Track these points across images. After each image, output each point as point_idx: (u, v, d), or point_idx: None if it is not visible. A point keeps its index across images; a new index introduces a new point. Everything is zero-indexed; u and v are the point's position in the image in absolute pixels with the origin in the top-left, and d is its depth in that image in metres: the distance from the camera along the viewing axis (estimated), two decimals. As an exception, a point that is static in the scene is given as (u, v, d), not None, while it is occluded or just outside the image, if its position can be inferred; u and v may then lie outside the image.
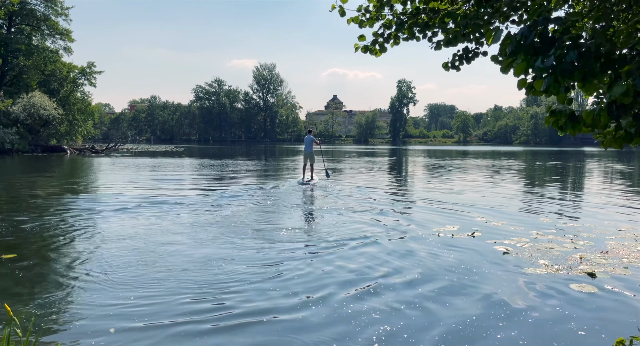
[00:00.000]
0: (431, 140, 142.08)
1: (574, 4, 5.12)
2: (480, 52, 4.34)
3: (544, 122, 3.81)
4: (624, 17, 4.64)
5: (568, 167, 32.14)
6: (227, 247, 7.69)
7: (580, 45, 2.97)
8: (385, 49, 4.45)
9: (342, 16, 4.32)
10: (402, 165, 34.66)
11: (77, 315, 4.88)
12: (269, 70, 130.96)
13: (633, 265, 6.79)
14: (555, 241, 8.26)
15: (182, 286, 5.73)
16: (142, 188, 15.70)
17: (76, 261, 6.77)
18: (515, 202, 13.21)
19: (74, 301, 5.27)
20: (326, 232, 8.98)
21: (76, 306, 5.12)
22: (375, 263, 6.81)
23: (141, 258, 6.95)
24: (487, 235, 8.75)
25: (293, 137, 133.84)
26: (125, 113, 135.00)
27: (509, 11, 4.11)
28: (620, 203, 13.34)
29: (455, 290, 5.71)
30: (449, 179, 20.88)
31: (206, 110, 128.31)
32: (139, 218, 10.10)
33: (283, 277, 6.11)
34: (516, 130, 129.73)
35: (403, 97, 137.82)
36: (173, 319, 4.78)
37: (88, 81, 49.44)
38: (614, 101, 3.23)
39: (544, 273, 6.38)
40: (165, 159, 36.34)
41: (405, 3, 4.37)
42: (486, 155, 52.63)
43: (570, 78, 2.98)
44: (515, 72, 3.10)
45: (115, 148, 51.22)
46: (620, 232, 9.05)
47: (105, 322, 4.68)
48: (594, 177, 24.19)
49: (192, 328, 4.59)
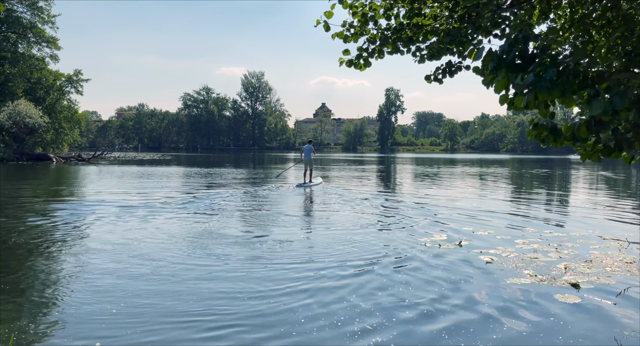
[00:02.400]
0: (419, 148, 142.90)
1: (555, 18, 5.21)
2: (463, 66, 4.40)
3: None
4: (605, 31, 4.73)
5: (554, 175, 32.47)
6: (213, 257, 7.66)
7: (558, 62, 3.02)
8: (369, 64, 4.50)
9: (327, 31, 4.35)
10: (390, 173, 34.77)
11: (60, 331, 4.82)
12: (257, 78, 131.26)
13: (616, 274, 6.87)
14: (540, 250, 8.33)
15: (169, 301, 5.69)
16: (128, 197, 15.58)
17: (59, 274, 6.70)
18: (502, 211, 13.31)
19: (58, 316, 5.21)
20: (321, 247, 8.98)
21: (60, 321, 5.06)
22: (357, 271, 6.81)
23: (126, 268, 6.89)
24: (474, 244, 8.80)
25: (282, 144, 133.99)
26: (112, 121, 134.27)
27: (491, 26, 4.17)
28: (605, 211, 13.50)
29: (438, 301, 5.73)
30: (436, 188, 20.99)
31: (194, 118, 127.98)
32: (124, 227, 10.01)
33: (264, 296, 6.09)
34: (503, 138, 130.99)
35: (391, 105, 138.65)
36: (160, 335, 4.74)
37: (75, 89, 49.12)
38: (594, 116, 3.30)
39: (528, 283, 6.43)
40: (153, 167, 36.14)
41: (389, 18, 4.43)
42: (474, 163, 53.01)
43: (549, 95, 3.04)
44: (496, 89, 3.15)
45: (102, 157, 50.82)
46: (604, 241, 9.15)
47: (90, 336, 4.63)
48: (580, 185, 24.46)
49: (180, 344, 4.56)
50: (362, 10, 4.33)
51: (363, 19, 4.32)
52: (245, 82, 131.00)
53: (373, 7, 4.37)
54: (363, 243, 8.90)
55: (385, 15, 4.39)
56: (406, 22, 4.35)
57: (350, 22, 4.40)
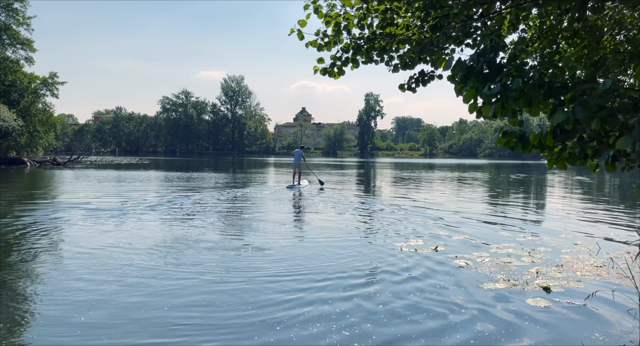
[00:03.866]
0: (398, 152, 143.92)
1: (526, 27, 5.34)
2: (436, 75, 4.48)
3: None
4: (572, 41, 4.86)
5: (530, 179, 33.00)
6: (188, 265, 7.61)
7: (524, 73, 3.11)
8: (343, 72, 4.55)
9: (301, 40, 4.39)
10: (370, 178, 34.95)
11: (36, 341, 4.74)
12: (237, 82, 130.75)
13: (586, 278, 7.02)
14: (514, 255, 8.47)
15: (141, 313, 5.64)
16: (102, 201, 15.36)
17: (33, 282, 6.59)
18: (478, 216, 13.48)
19: (33, 327, 5.13)
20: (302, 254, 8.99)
21: (36, 331, 4.98)
22: (329, 276, 6.84)
23: (96, 277, 6.80)
24: (450, 249, 8.91)
25: (262, 149, 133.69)
26: (89, 125, 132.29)
27: (462, 36, 4.26)
28: (578, 216, 13.77)
29: (410, 306, 5.78)
30: (415, 192, 21.16)
31: (173, 122, 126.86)
32: (97, 233, 9.88)
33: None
34: (480, 143, 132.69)
35: (371, 110, 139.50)
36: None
37: (50, 92, 48.37)
38: (559, 125, 3.39)
39: (501, 287, 6.54)
40: (130, 172, 35.71)
41: (362, 28, 4.49)
42: (452, 168, 53.57)
43: (516, 104, 3.12)
44: (465, 99, 3.22)
45: (78, 161, 50.02)
46: (576, 246, 9.34)
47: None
48: (555, 190, 24.90)
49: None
50: (336, 20, 4.38)
51: (336, 28, 4.37)
52: (225, 86, 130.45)
53: (347, 17, 4.42)
54: (338, 247, 8.93)
55: (359, 25, 4.45)
56: (379, 31, 4.41)
57: (324, 31, 4.44)
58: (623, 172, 4.15)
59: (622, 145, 2.73)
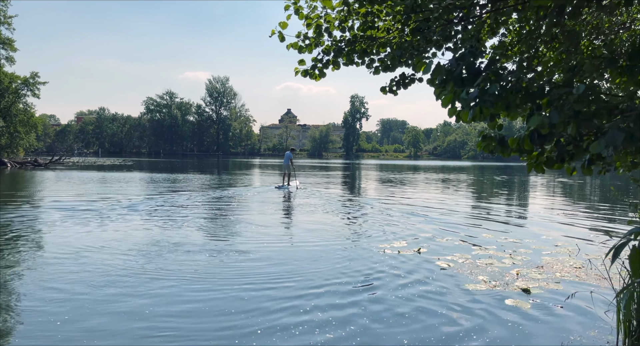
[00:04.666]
0: (383, 154, 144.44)
1: (506, 32, 5.39)
2: (417, 78, 4.50)
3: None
4: (551, 46, 4.92)
5: (513, 181, 33.34)
6: (167, 271, 7.55)
7: (502, 78, 3.14)
8: (324, 74, 4.55)
9: (282, 41, 4.39)
10: (356, 179, 35.02)
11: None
12: (222, 83, 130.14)
13: (565, 279, 7.11)
14: (495, 256, 8.54)
15: (116, 321, 5.58)
16: (83, 203, 15.17)
17: (5, 290, 6.49)
18: (461, 217, 13.58)
19: (9, 331, 5.04)
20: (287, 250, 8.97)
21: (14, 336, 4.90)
22: (311, 278, 6.83)
23: (73, 282, 6.71)
24: (433, 251, 8.96)
25: (247, 150, 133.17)
26: (71, 125, 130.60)
27: (442, 40, 4.29)
28: (559, 217, 13.94)
29: (390, 309, 5.80)
30: (400, 194, 21.25)
31: (157, 123, 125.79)
32: (77, 235, 9.75)
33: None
34: (464, 145, 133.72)
35: (356, 112, 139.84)
36: None
37: (31, 92, 47.58)
38: (536, 129, 3.43)
39: (482, 289, 6.59)
40: (113, 173, 35.35)
41: (344, 30, 4.49)
42: (436, 170, 53.91)
43: (494, 109, 3.15)
44: (443, 103, 3.24)
45: (60, 162, 49.40)
46: (556, 247, 9.45)
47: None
48: (538, 191, 25.19)
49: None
50: (317, 22, 4.38)
51: (318, 31, 4.37)
52: (210, 87, 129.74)
53: (328, 19, 4.43)
54: (321, 248, 8.93)
55: (340, 27, 4.46)
56: (360, 34, 4.43)
57: (305, 33, 4.44)
58: (603, 174, 4.20)
59: (595, 149, 2.77)
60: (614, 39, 5.25)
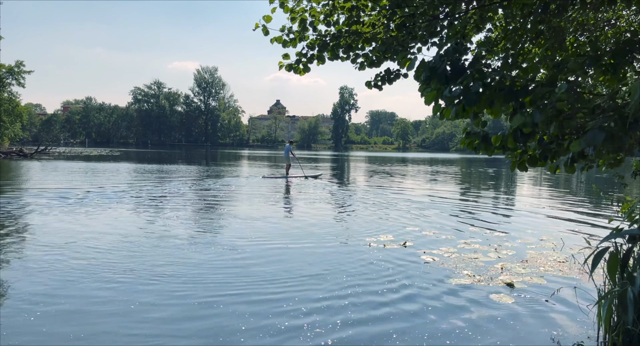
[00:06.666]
0: (372, 146, 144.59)
1: (492, 27, 5.38)
2: (402, 74, 4.47)
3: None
4: (537, 42, 4.92)
5: (500, 174, 33.55)
6: (156, 272, 7.51)
7: (485, 76, 3.12)
8: (308, 69, 4.50)
9: (266, 35, 4.33)
10: (344, 171, 35.04)
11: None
12: (210, 73, 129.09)
13: (548, 274, 7.17)
14: (481, 250, 8.59)
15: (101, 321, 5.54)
16: (68, 194, 15.01)
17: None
18: (448, 210, 13.64)
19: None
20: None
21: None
22: (295, 272, 6.83)
23: (61, 280, 6.66)
24: (418, 244, 8.99)
25: (235, 141, 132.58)
26: (58, 115, 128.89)
27: (428, 36, 4.26)
28: (545, 211, 14.05)
29: (374, 302, 5.81)
30: (387, 187, 21.29)
31: (145, 113, 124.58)
32: (63, 228, 9.66)
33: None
34: (453, 137, 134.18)
35: (345, 104, 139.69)
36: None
37: (16, 81, 47.10)
38: (519, 127, 3.43)
39: (467, 283, 6.63)
40: (100, 163, 35.03)
41: (329, 25, 4.45)
42: (425, 162, 54.11)
43: (477, 107, 3.13)
44: (426, 101, 3.22)
45: (45, 152, 48.85)
46: (541, 241, 9.52)
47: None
48: (524, 184, 25.36)
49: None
50: (302, 16, 4.33)
51: (302, 25, 4.32)
52: (198, 77, 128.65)
53: (313, 13, 4.38)
54: (307, 241, 8.93)
55: (325, 21, 4.41)
56: (345, 29, 4.38)
57: (289, 27, 4.39)
58: (586, 171, 4.22)
59: (575, 148, 2.77)
60: (599, 35, 5.27)
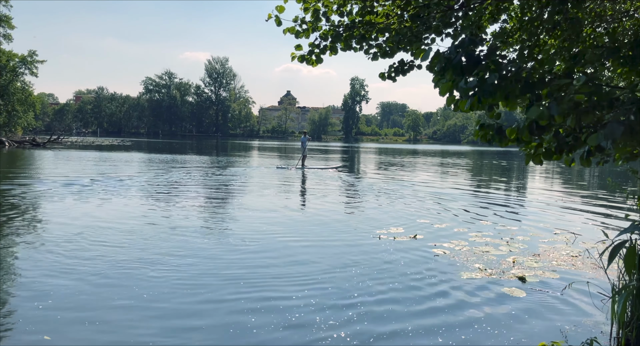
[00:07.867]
0: (383, 138, 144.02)
1: (507, 18, 5.29)
2: (415, 65, 4.42)
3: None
4: (553, 34, 4.83)
5: (512, 167, 33.31)
6: (170, 264, 7.55)
7: (501, 67, 3.06)
8: (321, 60, 4.46)
9: (279, 26, 4.29)
10: (355, 163, 34.98)
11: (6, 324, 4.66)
12: (221, 63, 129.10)
13: (561, 268, 7.11)
14: (492, 244, 8.53)
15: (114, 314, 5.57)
16: (81, 183, 15.12)
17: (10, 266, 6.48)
18: (460, 203, 13.56)
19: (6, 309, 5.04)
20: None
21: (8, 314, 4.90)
22: (305, 263, 6.83)
23: (71, 272, 6.71)
24: (429, 237, 8.94)
25: (246, 132, 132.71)
26: (70, 105, 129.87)
27: (442, 26, 4.20)
28: (557, 204, 13.92)
29: (384, 296, 5.79)
30: (399, 179, 21.22)
31: (156, 103, 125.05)
32: (76, 217, 9.73)
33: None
34: (464, 129, 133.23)
35: (356, 95, 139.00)
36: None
37: (29, 70, 47.33)
38: (534, 120, 3.37)
39: (478, 277, 6.58)
40: (112, 153, 35.26)
41: (342, 15, 4.39)
42: (436, 154, 53.84)
43: (492, 98, 3.08)
44: (441, 92, 3.17)
45: (58, 141, 49.26)
46: (554, 235, 9.43)
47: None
48: (537, 177, 25.16)
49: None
50: (315, 6, 4.28)
51: (315, 15, 4.27)
52: (209, 68, 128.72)
53: (326, 4, 4.33)
54: (317, 233, 8.93)
55: (338, 12, 4.36)
56: (359, 19, 4.33)
57: (302, 17, 4.34)
58: (602, 165, 4.15)
59: (593, 141, 2.71)
60: (617, 27, 5.16)
